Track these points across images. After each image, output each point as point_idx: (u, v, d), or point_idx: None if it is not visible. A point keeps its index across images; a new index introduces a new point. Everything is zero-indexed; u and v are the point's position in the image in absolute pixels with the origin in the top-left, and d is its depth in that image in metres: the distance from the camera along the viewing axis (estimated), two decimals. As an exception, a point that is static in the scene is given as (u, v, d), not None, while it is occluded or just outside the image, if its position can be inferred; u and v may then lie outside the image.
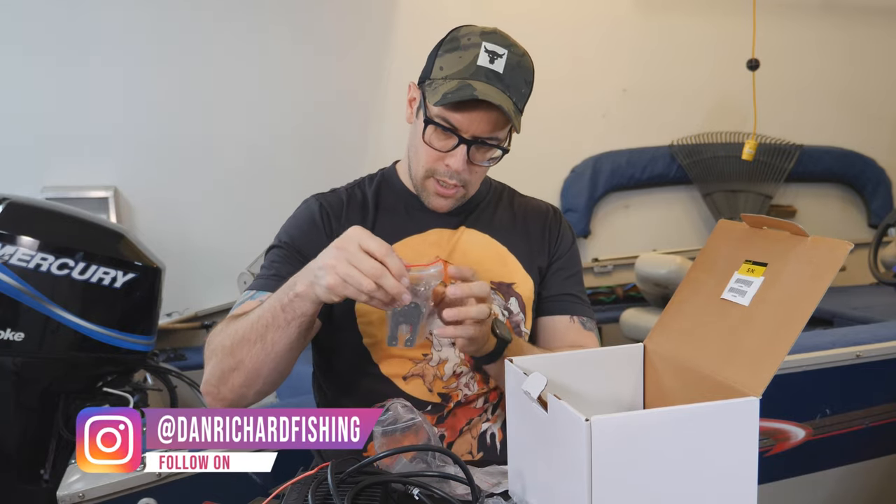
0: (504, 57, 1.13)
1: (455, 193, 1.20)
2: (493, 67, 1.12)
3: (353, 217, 1.24)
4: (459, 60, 1.13)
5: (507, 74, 1.13)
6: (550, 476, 0.81)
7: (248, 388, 1.07)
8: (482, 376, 1.22)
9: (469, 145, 1.15)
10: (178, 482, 1.38)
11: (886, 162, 4.32)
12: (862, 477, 1.97)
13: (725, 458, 0.75)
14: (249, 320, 1.04)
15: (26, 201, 1.96)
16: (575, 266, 1.34)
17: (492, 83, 1.12)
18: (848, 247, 0.77)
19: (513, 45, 1.16)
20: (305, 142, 3.37)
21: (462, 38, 1.16)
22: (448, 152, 1.15)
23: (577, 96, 3.85)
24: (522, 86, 1.17)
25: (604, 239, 3.94)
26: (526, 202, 1.36)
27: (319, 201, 1.26)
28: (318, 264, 0.97)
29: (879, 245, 2.98)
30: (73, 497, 1.30)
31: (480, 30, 1.16)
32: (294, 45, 3.35)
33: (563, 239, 1.33)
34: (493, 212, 1.31)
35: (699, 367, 0.87)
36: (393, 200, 1.28)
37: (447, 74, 1.13)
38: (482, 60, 1.12)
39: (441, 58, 1.16)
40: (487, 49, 1.13)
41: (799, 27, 4.14)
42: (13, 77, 3.01)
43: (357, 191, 1.29)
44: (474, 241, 1.26)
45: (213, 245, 3.22)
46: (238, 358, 1.05)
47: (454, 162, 1.15)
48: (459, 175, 1.17)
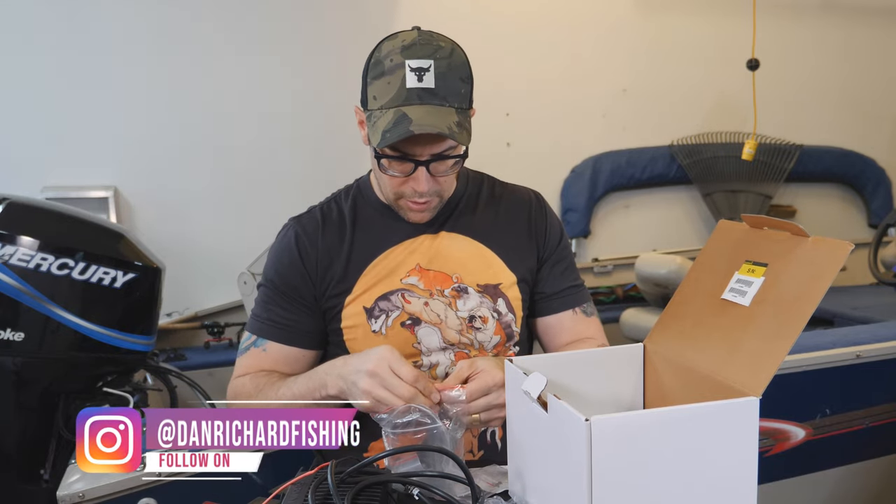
0: (431, 69, 1.09)
1: (429, 205, 1.20)
2: (424, 85, 1.09)
3: (330, 238, 1.24)
4: (388, 87, 1.10)
5: (440, 85, 1.10)
6: (550, 476, 0.81)
7: None
8: None
9: (427, 165, 1.14)
10: (178, 482, 1.38)
11: (886, 162, 4.32)
12: (862, 477, 1.97)
13: (725, 458, 0.74)
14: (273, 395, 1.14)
15: (26, 201, 1.96)
16: (567, 255, 1.33)
17: (426, 102, 1.09)
18: (849, 247, 0.77)
19: (437, 49, 1.11)
20: (305, 141, 3.37)
21: (385, 59, 1.12)
22: (409, 176, 1.15)
23: (577, 96, 3.85)
24: (459, 86, 1.12)
25: (604, 239, 3.94)
26: (507, 193, 1.33)
27: (295, 230, 1.26)
28: (352, 380, 1.05)
29: (879, 245, 2.98)
30: (73, 497, 1.30)
31: (401, 45, 1.11)
32: (294, 44, 3.35)
33: (551, 230, 1.31)
34: (472, 211, 1.29)
35: (699, 367, 0.87)
36: (370, 213, 1.27)
37: (381, 104, 1.11)
38: (410, 82, 1.09)
39: (371, 85, 1.14)
40: (412, 67, 1.09)
41: (798, 27, 4.14)
42: (13, 77, 3.01)
43: (333, 206, 1.29)
44: (456, 245, 1.26)
45: (213, 245, 3.22)
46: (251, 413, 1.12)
47: (418, 185, 1.15)
48: (427, 192, 1.17)
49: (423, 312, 1.20)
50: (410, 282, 1.22)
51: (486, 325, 1.23)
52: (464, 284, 1.23)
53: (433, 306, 1.21)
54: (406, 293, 1.21)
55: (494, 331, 1.23)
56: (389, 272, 1.21)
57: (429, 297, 1.21)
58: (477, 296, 1.23)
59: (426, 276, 1.22)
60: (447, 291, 1.22)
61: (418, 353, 1.20)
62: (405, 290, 1.21)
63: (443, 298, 1.22)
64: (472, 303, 1.22)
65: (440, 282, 1.22)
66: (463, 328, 1.21)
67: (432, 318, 1.21)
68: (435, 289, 1.22)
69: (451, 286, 1.22)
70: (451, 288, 1.22)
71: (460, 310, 1.22)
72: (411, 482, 0.89)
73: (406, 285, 1.21)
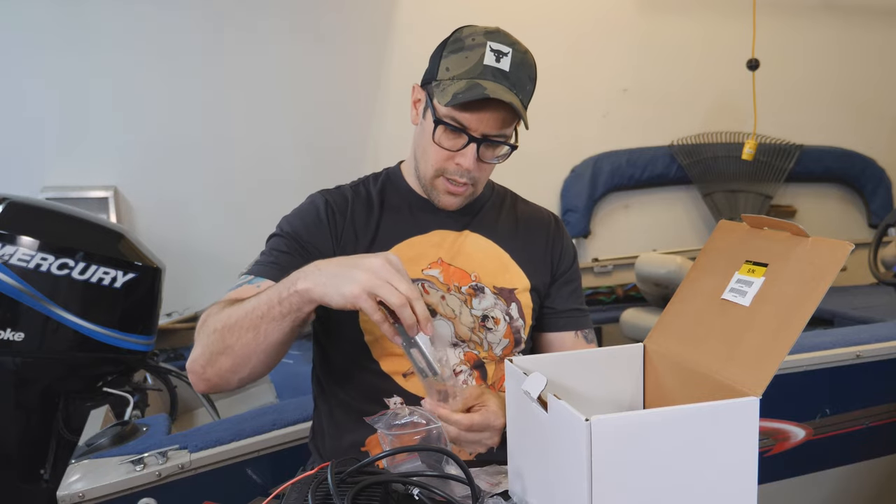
0: (509, 55, 1.15)
1: (465, 191, 1.22)
2: (500, 66, 1.14)
3: (358, 214, 1.25)
4: (466, 60, 1.14)
5: (513, 72, 1.15)
6: (550, 476, 0.81)
7: (234, 374, 1.07)
8: (480, 374, 1.22)
9: (479, 143, 1.16)
10: (178, 482, 1.38)
11: (886, 162, 4.32)
12: (862, 477, 1.97)
13: (725, 458, 0.74)
14: (245, 308, 1.04)
15: (26, 201, 1.96)
16: (578, 278, 1.36)
17: (499, 81, 1.13)
18: (849, 248, 0.77)
19: (516, 42, 1.18)
20: (305, 142, 3.37)
21: (466, 38, 1.17)
22: (458, 151, 1.17)
23: (577, 96, 3.85)
24: (527, 83, 1.18)
25: (604, 239, 3.94)
26: (528, 209, 1.38)
27: (325, 197, 1.26)
28: (334, 272, 0.97)
29: (879, 245, 2.98)
30: (73, 497, 1.30)
31: (484, 29, 1.17)
32: (294, 45, 3.35)
33: (566, 252, 1.35)
34: (496, 216, 1.32)
35: (699, 367, 0.87)
36: (398, 200, 1.29)
37: (455, 75, 1.14)
38: (488, 59, 1.13)
39: (446, 59, 1.17)
40: (493, 48, 1.14)
41: (799, 27, 4.14)
42: (13, 77, 3.01)
43: (362, 188, 1.30)
44: (478, 245, 1.27)
45: (213, 245, 3.22)
46: (228, 343, 1.04)
47: (465, 161, 1.17)
48: (470, 173, 1.19)
49: (439, 305, 1.21)
50: (432, 274, 1.22)
51: (497, 326, 1.23)
52: (481, 284, 1.24)
53: (449, 301, 1.21)
54: (426, 284, 1.21)
55: (504, 333, 1.24)
56: (411, 260, 1.20)
57: (446, 291, 1.22)
58: (492, 297, 1.24)
59: (447, 271, 1.23)
60: (464, 289, 1.23)
61: None
62: (425, 280, 1.21)
63: (459, 295, 1.22)
64: (487, 303, 1.23)
65: (458, 278, 1.23)
66: (475, 326, 1.22)
67: (447, 312, 1.21)
68: (453, 284, 1.22)
69: (468, 284, 1.23)
70: (468, 286, 1.23)
71: (475, 308, 1.22)
72: (411, 482, 0.89)
73: (427, 276, 1.22)
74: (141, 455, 1.38)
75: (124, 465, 1.36)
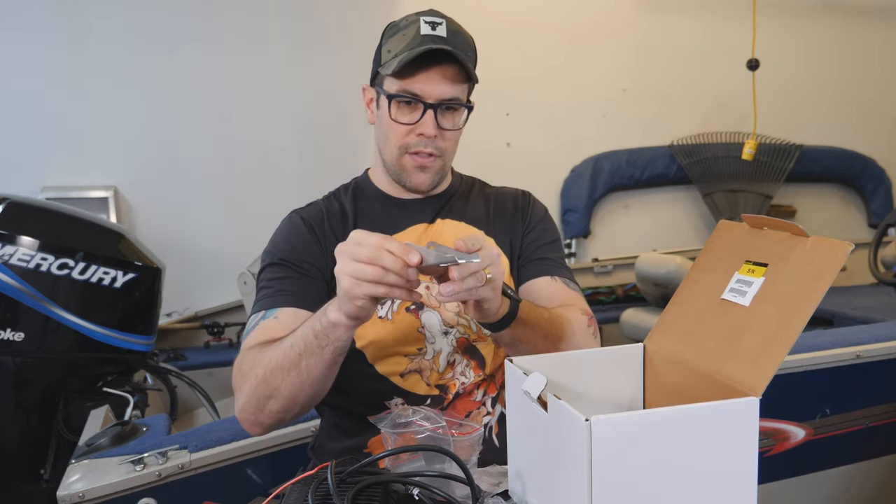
0: (444, 24, 1.18)
1: (433, 163, 1.22)
2: (437, 33, 1.16)
3: (335, 226, 1.25)
4: (403, 38, 1.17)
5: (451, 37, 1.17)
6: (550, 476, 0.81)
7: (286, 413, 1.08)
8: (477, 363, 1.22)
9: (435, 109, 1.17)
10: (178, 482, 1.38)
11: (886, 162, 4.32)
12: (862, 477, 1.97)
13: (725, 458, 0.74)
14: (282, 348, 1.03)
15: (26, 201, 1.96)
16: (550, 234, 1.34)
17: (439, 44, 1.15)
18: (848, 248, 0.77)
19: (448, 18, 1.20)
20: (305, 141, 3.37)
21: (400, 21, 1.21)
22: (417, 123, 1.18)
23: (577, 96, 3.86)
24: (468, 49, 1.20)
25: (604, 239, 3.94)
26: (496, 190, 1.38)
27: (300, 215, 1.27)
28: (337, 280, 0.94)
29: (879, 245, 2.98)
30: (73, 497, 1.30)
31: (416, 11, 1.21)
32: (294, 45, 3.35)
33: (534, 212, 1.34)
34: (465, 202, 1.33)
35: (699, 367, 0.87)
36: (369, 205, 1.29)
37: (396, 52, 1.17)
38: (425, 30, 1.16)
39: (385, 44, 1.21)
40: (426, 20, 1.17)
41: (799, 27, 4.15)
42: (13, 77, 3.01)
43: (334, 201, 1.31)
44: (451, 229, 1.28)
45: (213, 245, 3.22)
46: (273, 386, 1.04)
47: (426, 128, 1.18)
48: (434, 142, 1.19)
49: (425, 297, 1.21)
50: None
51: None
52: None
53: (433, 290, 1.21)
54: None
55: None
56: None
57: (429, 280, 1.21)
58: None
59: None
60: None
61: (422, 338, 1.21)
62: None
63: None
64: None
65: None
66: (460, 309, 1.22)
67: (432, 302, 1.22)
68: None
69: None
70: None
71: None
72: (411, 482, 0.89)
73: None
74: (141, 455, 1.37)
75: (124, 465, 1.36)
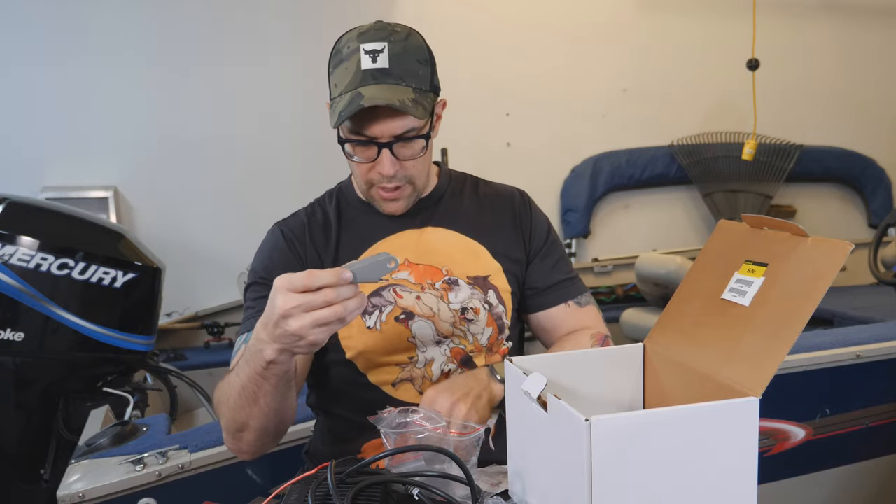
0: (385, 51, 1.12)
1: (401, 193, 1.20)
2: (378, 66, 1.11)
3: (316, 236, 1.25)
4: (346, 72, 1.12)
5: (395, 66, 1.12)
6: (550, 476, 0.81)
7: (263, 440, 1.09)
8: (471, 371, 1.22)
9: (390, 147, 1.14)
10: (178, 482, 1.38)
11: (886, 162, 4.32)
12: (862, 477, 1.97)
13: (725, 458, 0.74)
14: (235, 389, 1.02)
15: (26, 201, 1.96)
16: (556, 250, 1.32)
17: (381, 82, 1.10)
18: (848, 248, 0.77)
19: (392, 33, 1.14)
20: (305, 141, 3.37)
21: (343, 48, 1.15)
22: (375, 161, 1.15)
23: (577, 96, 3.86)
24: (417, 67, 1.14)
25: (604, 239, 3.94)
26: (490, 189, 1.34)
27: (281, 229, 1.27)
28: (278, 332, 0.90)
29: (879, 245, 2.98)
30: (73, 497, 1.30)
31: (357, 32, 1.15)
32: (294, 44, 3.35)
33: (537, 226, 1.31)
34: (457, 204, 1.30)
35: (699, 367, 0.87)
36: (353, 212, 1.28)
37: (341, 90, 1.13)
38: (365, 64, 1.11)
39: (332, 75, 1.16)
40: (366, 50, 1.12)
41: (799, 27, 4.15)
42: (13, 77, 3.01)
43: (317, 209, 1.30)
44: (442, 238, 1.26)
45: (213, 245, 3.22)
46: (241, 420, 1.04)
47: (383, 168, 1.15)
48: (395, 176, 1.17)
49: (415, 306, 1.20)
50: (401, 276, 1.21)
51: (478, 316, 1.22)
52: (454, 277, 1.23)
53: (425, 300, 1.21)
54: (397, 288, 1.21)
55: (486, 322, 1.23)
56: None
57: (420, 290, 1.21)
58: (468, 287, 1.22)
59: (416, 270, 1.22)
60: (438, 284, 1.22)
61: (413, 347, 1.20)
62: (396, 284, 1.21)
63: (434, 291, 1.21)
64: (464, 294, 1.22)
65: (430, 275, 1.22)
66: (456, 320, 1.21)
67: (425, 312, 1.20)
68: (426, 282, 1.21)
69: (441, 279, 1.22)
70: (441, 281, 1.22)
71: (452, 302, 1.21)
72: (411, 482, 0.89)
73: (397, 280, 1.21)
74: (141, 455, 1.38)
75: (124, 465, 1.36)
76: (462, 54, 3.35)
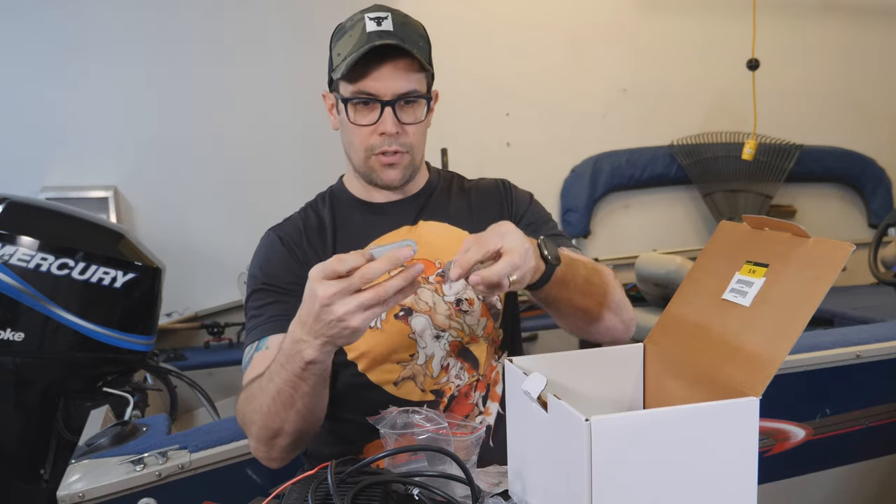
0: (389, 17, 1.16)
1: (401, 160, 1.20)
2: (383, 28, 1.15)
3: (313, 240, 1.25)
4: (350, 38, 1.16)
5: (398, 30, 1.15)
6: (550, 476, 0.81)
7: (297, 443, 1.09)
8: (470, 364, 1.22)
9: (392, 105, 1.16)
10: (178, 482, 1.38)
11: (886, 162, 4.32)
12: (862, 477, 1.97)
13: (725, 458, 0.74)
14: (269, 394, 1.02)
15: (26, 201, 1.96)
16: (542, 215, 1.32)
17: (385, 39, 1.13)
18: (849, 248, 0.77)
19: (395, 10, 1.18)
20: (305, 141, 3.37)
21: (346, 23, 1.20)
22: (377, 122, 1.17)
23: (577, 96, 3.86)
24: (418, 39, 1.18)
25: (604, 239, 3.94)
26: (475, 184, 1.37)
27: (277, 234, 1.27)
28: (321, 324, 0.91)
29: (879, 245, 2.98)
30: (73, 497, 1.30)
31: (360, 9, 1.19)
32: (294, 44, 3.35)
33: (518, 198, 1.33)
34: (447, 200, 1.31)
35: (699, 367, 0.87)
36: (346, 213, 1.29)
37: (345, 55, 1.15)
38: (370, 27, 1.15)
39: (334, 48, 1.19)
40: (371, 17, 1.15)
41: (799, 27, 4.15)
42: (13, 77, 3.01)
43: (311, 212, 1.30)
44: (435, 231, 1.27)
45: (213, 245, 3.22)
46: (276, 427, 1.04)
47: (386, 127, 1.16)
48: (397, 139, 1.18)
49: (413, 302, 1.20)
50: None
51: (472, 307, 1.22)
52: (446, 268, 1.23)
53: (421, 294, 1.21)
54: None
55: (481, 313, 1.23)
56: None
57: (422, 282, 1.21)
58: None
59: None
60: (432, 278, 1.22)
61: (414, 344, 1.20)
62: None
63: (428, 285, 1.22)
64: (457, 286, 1.22)
65: (425, 269, 1.22)
66: (451, 312, 1.21)
67: (422, 307, 1.20)
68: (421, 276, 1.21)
69: (434, 272, 1.22)
70: (435, 274, 1.22)
71: (447, 294, 1.22)
72: (411, 482, 0.89)
73: None
74: (141, 455, 1.37)
75: (124, 465, 1.36)
76: (462, 54, 3.35)
